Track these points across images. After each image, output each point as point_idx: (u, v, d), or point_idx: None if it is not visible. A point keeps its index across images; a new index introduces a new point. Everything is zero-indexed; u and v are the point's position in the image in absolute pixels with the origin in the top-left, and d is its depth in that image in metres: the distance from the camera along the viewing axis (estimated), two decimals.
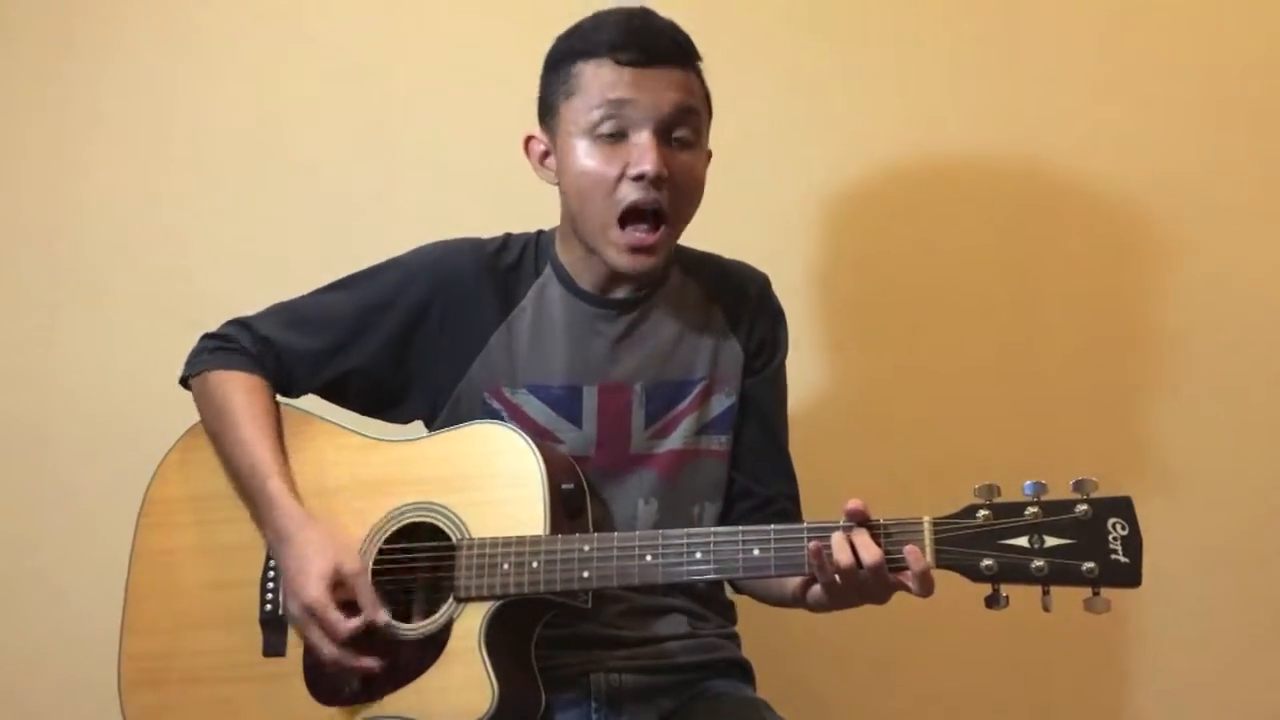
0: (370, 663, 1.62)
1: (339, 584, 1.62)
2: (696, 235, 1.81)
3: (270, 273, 2.17)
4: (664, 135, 1.69)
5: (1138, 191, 2.22)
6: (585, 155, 1.70)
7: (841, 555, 1.49)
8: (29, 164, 2.35)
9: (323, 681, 1.66)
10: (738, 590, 1.84)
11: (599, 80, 1.68)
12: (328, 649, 1.62)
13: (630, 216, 1.69)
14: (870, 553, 1.49)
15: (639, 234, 1.70)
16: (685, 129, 1.70)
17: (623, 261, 1.71)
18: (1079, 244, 2.24)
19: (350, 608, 1.62)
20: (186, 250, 2.31)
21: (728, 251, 1.89)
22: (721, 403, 1.80)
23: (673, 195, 1.70)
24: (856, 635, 2.17)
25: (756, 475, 1.82)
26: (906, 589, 1.51)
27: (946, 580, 1.54)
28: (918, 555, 1.48)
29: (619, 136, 1.69)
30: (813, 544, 1.51)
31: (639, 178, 1.67)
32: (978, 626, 2.15)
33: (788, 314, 1.87)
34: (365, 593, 1.63)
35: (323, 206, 2.30)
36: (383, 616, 1.62)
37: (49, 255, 2.33)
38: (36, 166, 2.35)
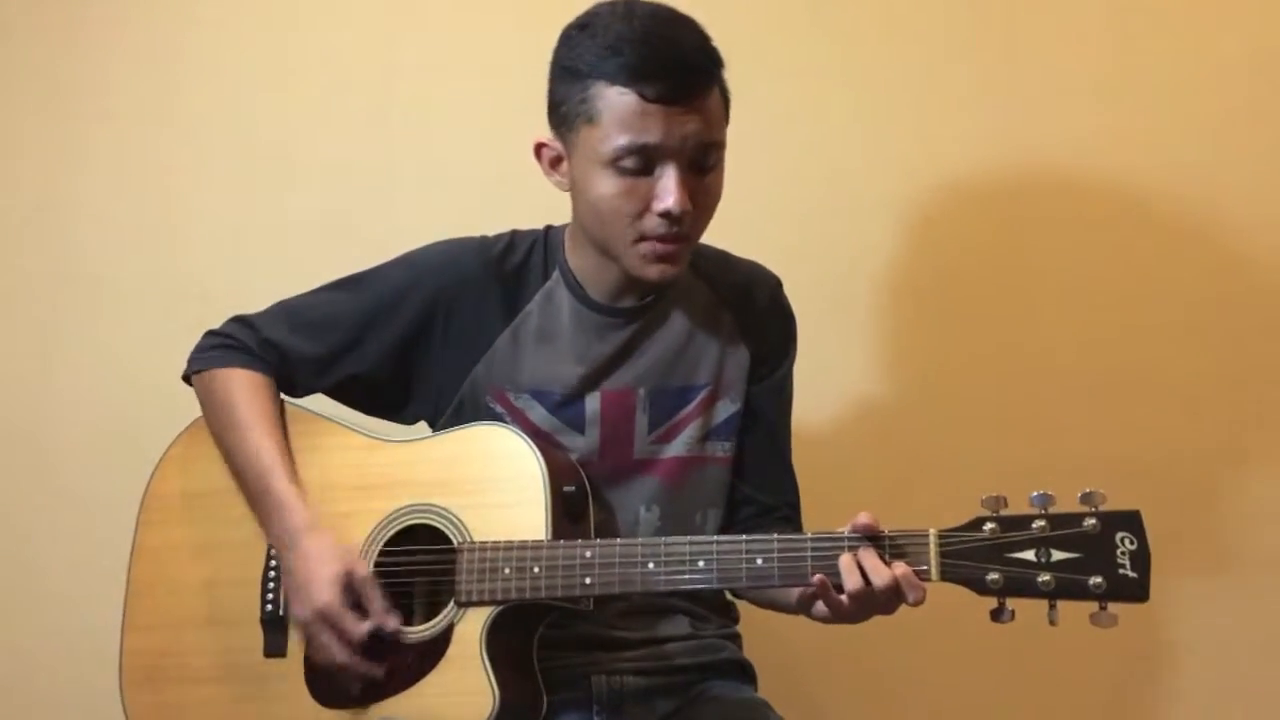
0: (378, 670, 1.61)
1: (349, 589, 1.61)
2: (709, 232, 1.79)
3: (271, 272, 2.15)
4: (690, 169, 1.62)
5: (1142, 190, 2.21)
6: (607, 185, 1.62)
7: (851, 580, 1.48)
8: (28, 163, 2.35)
9: (323, 684, 1.65)
10: (738, 597, 1.83)
11: (622, 113, 1.59)
12: (341, 654, 1.61)
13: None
14: (881, 576, 1.47)
15: (663, 245, 1.64)
16: (710, 157, 1.64)
17: (649, 271, 1.66)
18: (1090, 250, 2.22)
19: (358, 613, 1.61)
20: (186, 249, 2.31)
21: (740, 251, 1.86)
22: (726, 409, 1.77)
23: (694, 217, 1.65)
24: (858, 637, 2.10)
25: (759, 483, 1.80)
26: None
27: (951, 587, 1.53)
28: (916, 585, 1.47)
29: (643, 171, 1.61)
30: (817, 578, 1.49)
31: (664, 214, 1.62)
32: (981, 631, 2.13)
33: (798, 315, 1.84)
34: (376, 599, 1.61)
35: (324, 205, 2.29)
36: (393, 623, 1.61)
37: (48, 253, 2.33)
38: (35, 166, 2.35)
